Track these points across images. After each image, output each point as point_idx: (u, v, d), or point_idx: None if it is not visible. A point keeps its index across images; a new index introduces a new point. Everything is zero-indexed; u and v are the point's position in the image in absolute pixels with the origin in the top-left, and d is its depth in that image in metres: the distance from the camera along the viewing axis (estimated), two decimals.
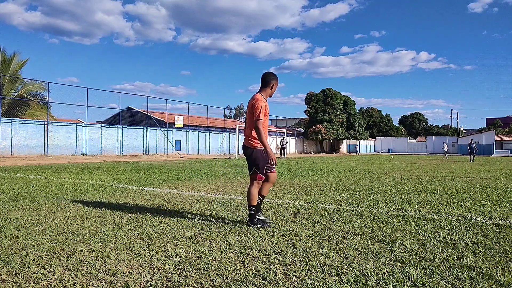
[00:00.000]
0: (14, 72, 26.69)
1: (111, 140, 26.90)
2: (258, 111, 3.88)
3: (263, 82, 4.10)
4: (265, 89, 4.10)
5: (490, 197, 6.48)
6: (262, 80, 4.11)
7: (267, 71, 4.19)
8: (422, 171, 13.71)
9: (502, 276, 2.54)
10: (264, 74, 4.13)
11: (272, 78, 4.11)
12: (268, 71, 4.18)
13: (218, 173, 11.24)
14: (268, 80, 4.08)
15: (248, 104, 4.09)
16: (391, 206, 5.43)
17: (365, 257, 2.94)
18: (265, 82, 4.09)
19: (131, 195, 6.27)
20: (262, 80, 4.11)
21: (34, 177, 9.09)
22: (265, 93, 4.09)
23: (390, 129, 75.84)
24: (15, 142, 21.44)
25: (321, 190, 7.22)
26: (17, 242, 3.26)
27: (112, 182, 8.27)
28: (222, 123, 42.15)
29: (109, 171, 11.57)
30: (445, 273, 2.61)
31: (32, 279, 2.42)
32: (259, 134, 3.87)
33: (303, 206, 5.29)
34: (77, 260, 2.81)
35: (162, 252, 3.03)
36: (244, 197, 6.11)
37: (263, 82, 4.11)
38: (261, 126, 3.87)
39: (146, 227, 3.89)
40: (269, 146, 3.92)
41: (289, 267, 2.70)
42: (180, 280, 2.44)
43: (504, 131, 72.37)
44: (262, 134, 3.87)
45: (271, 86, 4.11)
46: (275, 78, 4.14)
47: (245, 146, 4.10)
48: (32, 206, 5.04)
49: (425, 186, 8.23)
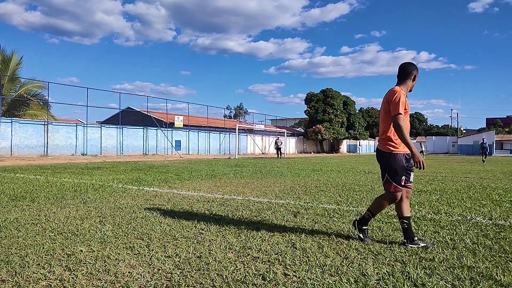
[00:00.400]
0: (13, 71, 26.69)
1: (111, 140, 26.91)
2: (397, 103, 3.20)
3: (403, 74, 3.42)
4: (405, 81, 3.41)
5: (490, 197, 6.48)
6: (402, 71, 3.43)
7: (406, 62, 3.52)
8: (422, 171, 13.71)
9: (502, 276, 2.54)
10: (404, 64, 3.47)
11: (414, 68, 3.43)
12: (407, 61, 3.52)
13: (218, 173, 11.24)
14: (409, 71, 3.41)
15: (383, 99, 3.44)
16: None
17: (365, 257, 2.94)
18: (405, 73, 3.41)
19: (131, 195, 6.27)
20: (402, 71, 3.44)
21: (34, 177, 9.09)
22: (405, 86, 3.40)
23: None
24: (15, 142, 21.44)
25: (321, 190, 7.22)
26: (17, 242, 3.26)
27: (112, 182, 8.27)
28: (222, 123, 42.14)
29: (109, 171, 11.57)
30: (445, 273, 2.61)
31: (32, 279, 2.42)
32: (400, 132, 3.16)
33: (303, 206, 5.29)
34: (77, 260, 2.81)
35: (162, 252, 3.03)
36: (244, 197, 6.12)
37: (403, 74, 3.42)
38: (402, 122, 3.17)
39: (146, 227, 3.89)
40: (414, 146, 3.17)
41: (289, 267, 2.70)
42: (180, 280, 2.44)
43: (504, 131, 72.41)
44: (405, 132, 3.15)
45: (413, 77, 3.43)
46: (416, 68, 3.46)
47: (379, 150, 3.43)
48: (32, 206, 5.04)
49: (425, 186, 8.23)
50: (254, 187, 7.64)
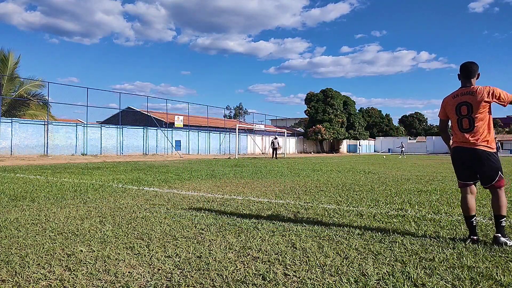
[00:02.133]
0: (12, 71, 26.69)
1: (111, 140, 26.91)
2: (505, 93, 3.33)
3: (471, 73, 3.44)
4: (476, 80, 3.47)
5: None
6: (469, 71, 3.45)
7: (470, 61, 3.50)
8: (422, 171, 13.71)
9: (502, 276, 2.54)
10: (469, 63, 3.48)
11: (478, 67, 3.48)
12: (471, 61, 3.50)
13: (218, 173, 11.24)
14: (475, 69, 3.45)
15: (475, 97, 3.36)
16: (391, 206, 5.43)
17: (365, 257, 2.94)
18: (473, 72, 3.45)
19: (131, 195, 6.27)
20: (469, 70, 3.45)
21: (34, 177, 9.09)
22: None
23: (390, 129, 75.91)
24: (15, 142, 21.44)
25: (321, 190, 7.22)
26: (17, 242, 3.26)
27: (112, 182, 8.27)
28: (222, 123, 42.15)
29: (109, 171, 11.57)
30: (445, 273, 2.61)
31: (32, 279, 2.42)
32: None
33: (303, 206, 5.29)
34: (77, 260, 2.81)
35: (162, 252, 3.03)
36: (244, 197, 6.12)
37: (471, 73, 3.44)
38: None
39: (146, 227, 3.89)
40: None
41: (289, 267, 2.70)
42: (180, 280, 2.44)
43: (504, 131, 72.45)
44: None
45: (478, 76, 3.49)
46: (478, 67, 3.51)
47: (483, 151, 3.35)
48: (32, 206, 5.04)
49: (425, 186, 8.23)
50: (254, 187, 7.64)
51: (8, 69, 26.17)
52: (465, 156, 3.47)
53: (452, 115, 3.55)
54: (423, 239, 3.52)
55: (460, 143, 3.50)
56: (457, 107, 3.48)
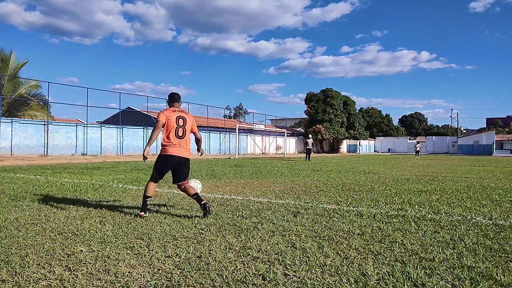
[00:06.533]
0: (13, 71, 26.68)
1: (111, 140, 26.90)
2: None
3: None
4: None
5: (490, 197, 6.48)
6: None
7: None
8: (422, 171, 13.71)
9: (502, 276, 2.54)
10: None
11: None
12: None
13: (218, 173, 11.24)
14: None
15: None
16: (391, 206, 5.43)
17: (365, 257, 2.94)
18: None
19: (131, 195, 6.27)
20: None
21: (34, 177, 9.09)
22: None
23: (390, 129, 75.94)
24: (15, 142, 21.43)
25: (321, 190, 7.22)
26: (17, 242, 3.26)
27: (112, 182, 8.27)
28: (222, 123, 42.13)
29: (109, 171, 11.57)
30: (445, 273, 2.61)
31: (32, 279, 2.42)
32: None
33: (303, 206, 5.29)
34: (77, 260, 2.81)
35: (162, 252, 3.03)
36: (244, 197, 6.12)
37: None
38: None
39: (146, 227, 3.89)
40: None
41: (289, 267, 2.70)
42: (180, 280, 2.44)
43: (504, 131, 72.47)
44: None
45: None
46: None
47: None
48: (32, 206, 5.04)
49: (425, 186, 8.23)
50: (254, 187, 7.64)
51: (8, 69, 26.17)
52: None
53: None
54: (423, 239, 3.52)
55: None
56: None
